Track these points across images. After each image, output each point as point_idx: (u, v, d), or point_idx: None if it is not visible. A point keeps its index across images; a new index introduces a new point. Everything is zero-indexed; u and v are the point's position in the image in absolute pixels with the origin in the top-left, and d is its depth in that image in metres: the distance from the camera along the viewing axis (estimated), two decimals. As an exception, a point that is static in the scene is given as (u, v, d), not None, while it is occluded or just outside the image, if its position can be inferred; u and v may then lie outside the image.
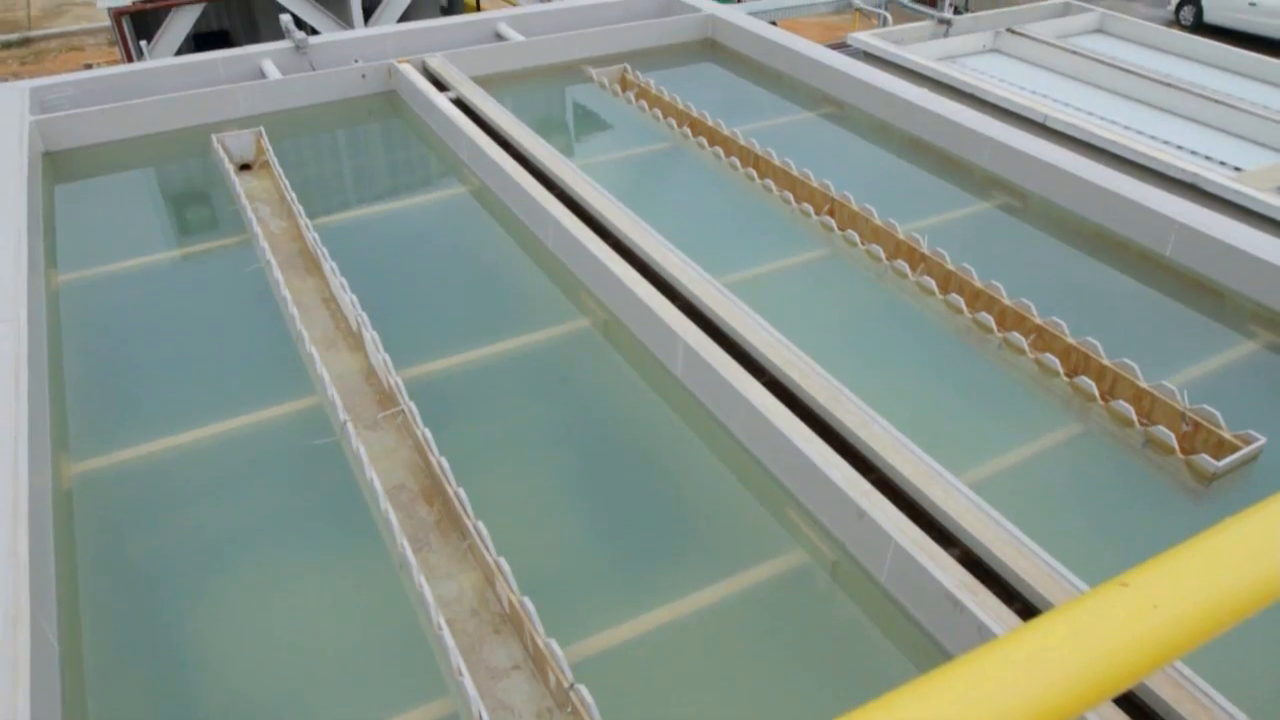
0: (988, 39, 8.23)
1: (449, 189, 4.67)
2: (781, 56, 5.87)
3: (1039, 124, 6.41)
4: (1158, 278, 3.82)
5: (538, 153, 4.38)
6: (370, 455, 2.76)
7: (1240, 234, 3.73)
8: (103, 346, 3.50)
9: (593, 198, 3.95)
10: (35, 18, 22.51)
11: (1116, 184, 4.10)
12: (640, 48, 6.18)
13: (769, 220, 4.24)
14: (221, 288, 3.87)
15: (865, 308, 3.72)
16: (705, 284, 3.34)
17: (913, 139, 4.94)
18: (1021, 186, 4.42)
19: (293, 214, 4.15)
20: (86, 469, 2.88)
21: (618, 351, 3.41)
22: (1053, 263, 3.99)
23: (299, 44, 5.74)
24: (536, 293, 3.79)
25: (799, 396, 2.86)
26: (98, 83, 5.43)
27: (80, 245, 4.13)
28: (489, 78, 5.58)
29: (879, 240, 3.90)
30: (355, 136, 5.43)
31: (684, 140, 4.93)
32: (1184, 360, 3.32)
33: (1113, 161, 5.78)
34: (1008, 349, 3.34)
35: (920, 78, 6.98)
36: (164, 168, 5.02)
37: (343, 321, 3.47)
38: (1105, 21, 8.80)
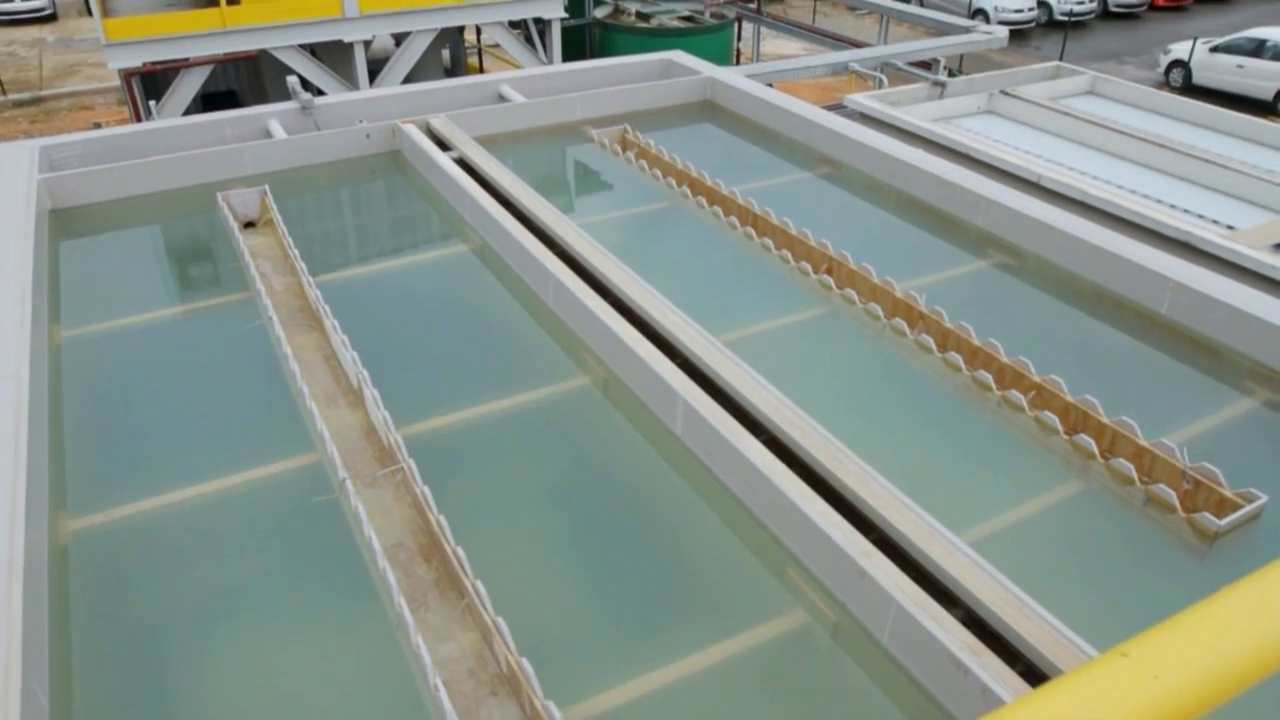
0: (982, 101, 8.38)
1: (451, 247, 4.72)
2: (779, 118, 5.97)
3: (1033, 183, 6.51)
4: (1154, 335, 3.85)
5: (539, 211, 4.44)
6: (369, 513, 2.75)
7: (1236, 292, 3.76)
8: (103, 402, 3.51)
9: (593, 256, 3.99)
10: (47, 78, 22.92)
11: (1111, 243, 4.14)
12: (640, 109, 6.29)
13: (768, 278, 4.28)
14: (223, 344, 3.89)
15: (864, 366, 3.74)
16: (704, 342, 3.36)
17: (909, 198, 5.01)
18: (1017, 245, 4.46)
19: (295, 271, 4.18)
20: (84, 525, 2.87)
21: (617, 409, 3.42)
22: (1050, 321, 4.02)
23: (305, 105, 5.84)
24: (537, 350, 3.81)
25: (798, 455, 2.86)
26: (106, 142, 5.51)
27: (83, 301, 4.16)
28: (491, 138, 5.67)
29: (877, 298, 3.93)
30: (359, 195, 5.50)
31: (683, 199, 5.00)
32: (1183, 418, 3.32)
33: (1107, 220, 5.85)
34: (1007, 407, 3.35)
35: (916, 138, 7.10)
36: (169, 225, 5.08)
37: (343, 378, 3.48)
38: (1096, 84, 8.97)
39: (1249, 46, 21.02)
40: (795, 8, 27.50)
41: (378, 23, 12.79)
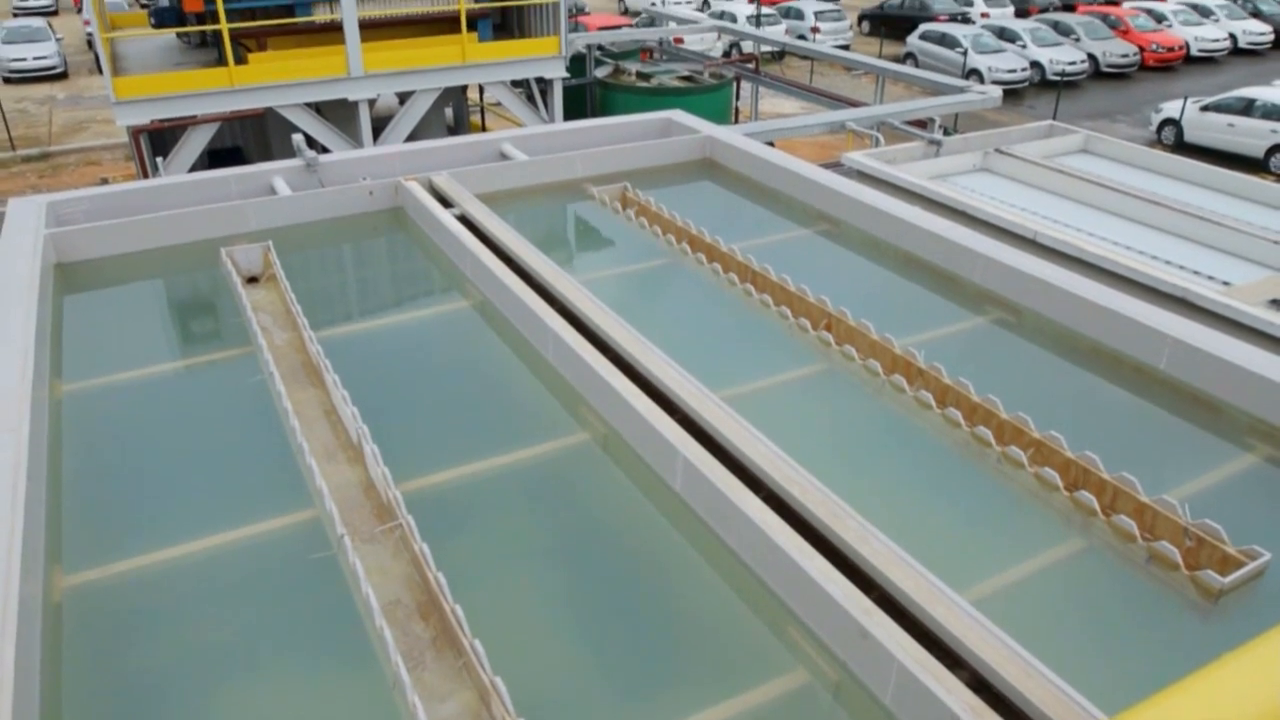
0: (977, 159, 8.50)
1: (452, 303, 4.75)
2: (778, 175, 6.05)
3: (1029, 240, 6.57)
4: (1153, 391, 3.86)
5: (539, 268, 4.48)
6: (366, 570, 2.73)
7: (1234, 348, 3.78)
8: (102, 457, 3.50)
9: (593, 312, 4.02)
10: (56, 134, 23.27)
11: (1108, 299, 4.17)
12: (641, 167, 6.38)
13: (767, 335, 4.30)
14: (224, 399, 3.90)
15: (864, 422, 3.74)
16: (704, 398, 3.37)
17: (907, 255, 5.06)
18: (1015, 301, 4.49)
19: (297, 326, 4.21)
20: (78, 582, 2.85)
21: (617, 465, 3.41)
22: (1048, 377, 4.03)
23: (309, 162, 5.93)
24: (537, 406, 3.81)
25: (798, 511, 2.85)
26: (113, 198, 5.59)
27: (86, 355, 4.18)
28: (493, 195, 5.75)
29: (876, 355, 3.95)
30: (361, 251, 5.55)
31: (683, 256, 5.05)
32: (1183, 474, 3.32)
33: (1103, 276, 5.90)
34: (1007, 463, 3.34)
35: (913, 196, 7.18)
36: (173, 280, 5.12)
37: (343, 433, 3.48)
38: (1089, 142, 9.11)
39: (1238, 105, 21.38)
40: (793, 68, 28.02)
41: (382, 82, 13.02)
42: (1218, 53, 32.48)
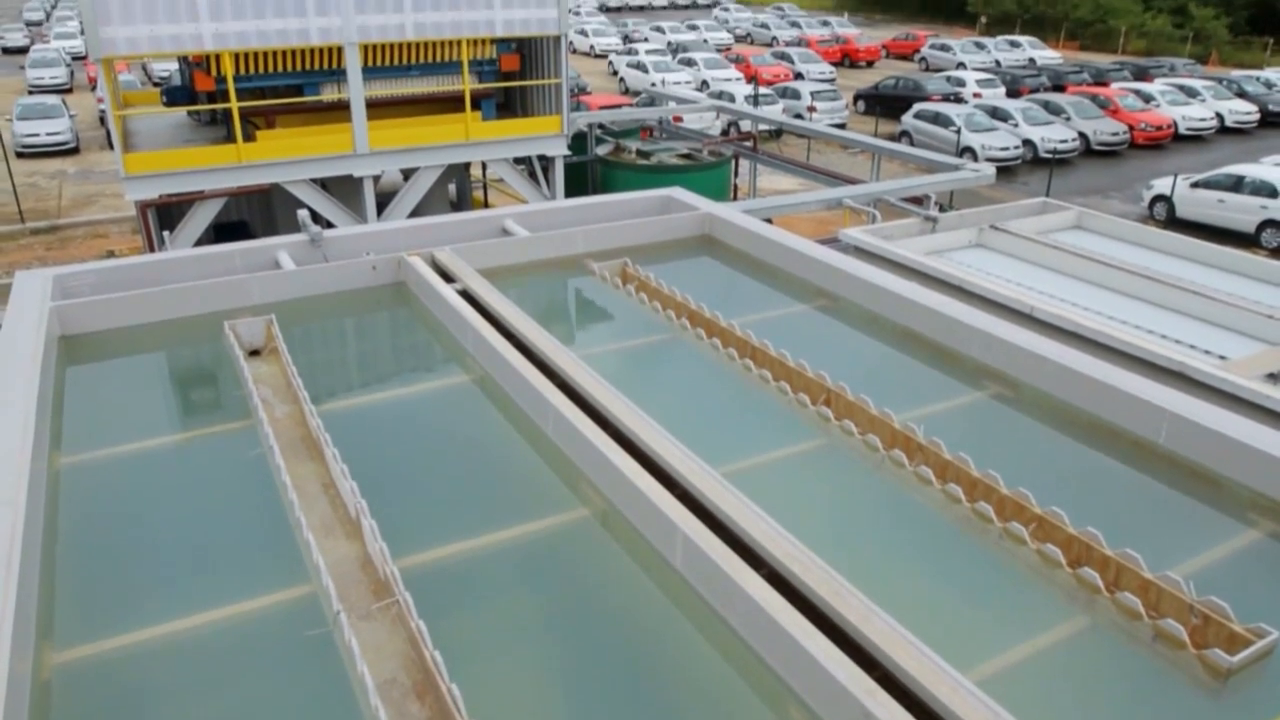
0: (972, 235, 8.62)
1: (452, 377, 4.77)
2: (776, 252, 6.13)
3: (1026, 315, 6.62)
4: (1153, 466, 3.85)
5: (540, 343, 4.51)
6: (362, 647, 2.69)
7: (1233, 423, 3.78)
8: (98, 530, 3.48)
9: (593, 387, 4.04)
10: (65, 207, 23.62)
11: (1106, 374, 4.19)
12: (641, 243, 6.46)
13: (767, 410, 4.31)
14: (223, 472, 3.89)
15: (864, 498, 3.73)
16: (704, 474, 3.36)
17: (905, 330, 5.10)
18: (1013, 376, 4.51)
19: (298, 399, 4.22)
20: (70, 658, 2.81)
21: (617, 542, 3.39)
22: (1048, 452, 4.03)
23: (314, 237, 6.01)
24: (536, 481, 3.80)
25: (799, 589, 2.82)
26: (119, 271, 5.65)
27: (86, 427, 4.18)
28: (494, 270, 5.81)
29: (875, 430, 3.96)
30: (363, 325, 5.60)
31: (683, 331, 5.08)
32: (1186, 550, 3.30)
33: (1099, 351, 5.93)
34: (1008, 539, 3.32)
35: (910, 271, 7.26)
36: (175, 353, 5.15)
37: (342, 508, 3.47)
38: (1083, 218, 9.25)
39: (1228, 182, 21.76)
40: (790, 146, 28.58)
41: (386, 159, 13.27)
42: (1205, 131, 33.19)
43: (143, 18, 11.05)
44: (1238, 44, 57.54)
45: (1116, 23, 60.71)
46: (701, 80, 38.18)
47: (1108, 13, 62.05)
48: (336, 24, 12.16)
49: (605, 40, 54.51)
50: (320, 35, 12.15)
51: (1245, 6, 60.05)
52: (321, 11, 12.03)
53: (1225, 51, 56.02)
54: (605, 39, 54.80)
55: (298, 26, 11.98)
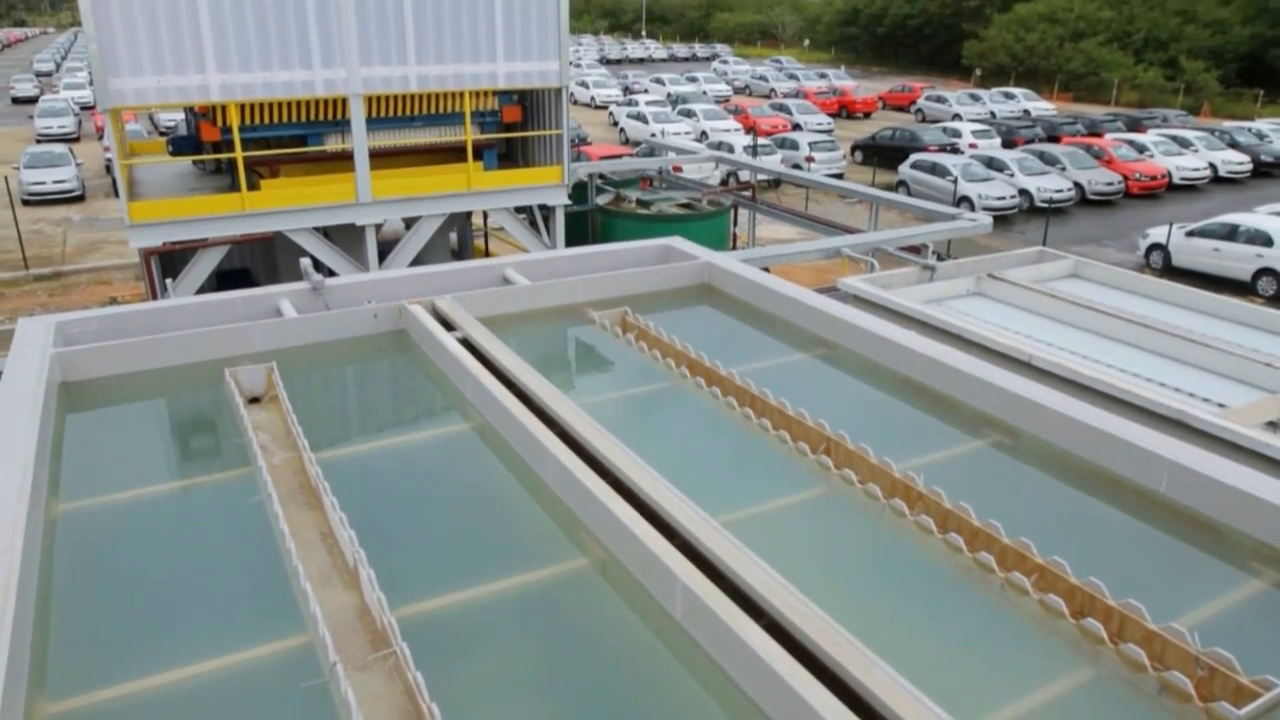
0: (970, 283, 8.68)
1: (452, 425, 4.77)
2: (775, 300, 6.17)
3: (1025, 363, 6.64)
4: (1154, 515, 3.84)
5: (540, 391, 4.52)
6: (358, 699, 2.66)
7: (1234, 472, 3.78)
8: (94, 578, 3.46)
9: (593, 436, 4.04)
10: (69, 254, 23.79)
11: (1106, 423, 4.19)
12: (641, 292, 6.50)
13: (766, 458, 4.30)
14: (221, 520, 3.87)
15: (865, 547, 3.71)
16: (704, 524, 3.35)
17: (904, 379, 5.11)
18: (1012, 425, 4.52)
19: (297, 447, 4.22)
20: (63, 709, 2.78)
21: (616, 591, 3.36)
22: (1048, 501, 4.02)
23: (316, 285, 6.05)
24: (536, 531, 3.79)
25: (800, 640, 2.80)
26: (121, 318, 5.68)
27: (84, 474, 4.17)
28: (495, 318, 5.84)
29: (876, 479, 3.95)
30: (364, 373, 5.61)
31: (682, 380, 5.10)
32: (1190, 600, 3.27)
33: (1099, 399, 5.94)
34: (1010, 589, 3.30)
35: (908, 320, 7.31)
36: (175, 400, 5.15)
37: (340, 557, 3.45)
38: (1079, 267, 9.32)
39: (1223, 231, 21.96)
40: (789, 195, 28.87)
41: (389, 208, 13.41)
42: (1199, 181, 33.57)
43: (151, 69, 11.24)
44: (1228, 96, 58.48)
45: (1109, 75, 61.75)
46: (701, 131, 38.70)
47: (1100, 65, 63.16)
48: (341, 76, 12.36)
49: (606, 92, 55.36)
50: (325, 87, 12.35)
51: (1234, 60, 61.16)
52: (327, 64, 12.23)
53: (1216, 103, 56.90)
54: (606, 90, 55.66)
55: (303, 78, 12.18)
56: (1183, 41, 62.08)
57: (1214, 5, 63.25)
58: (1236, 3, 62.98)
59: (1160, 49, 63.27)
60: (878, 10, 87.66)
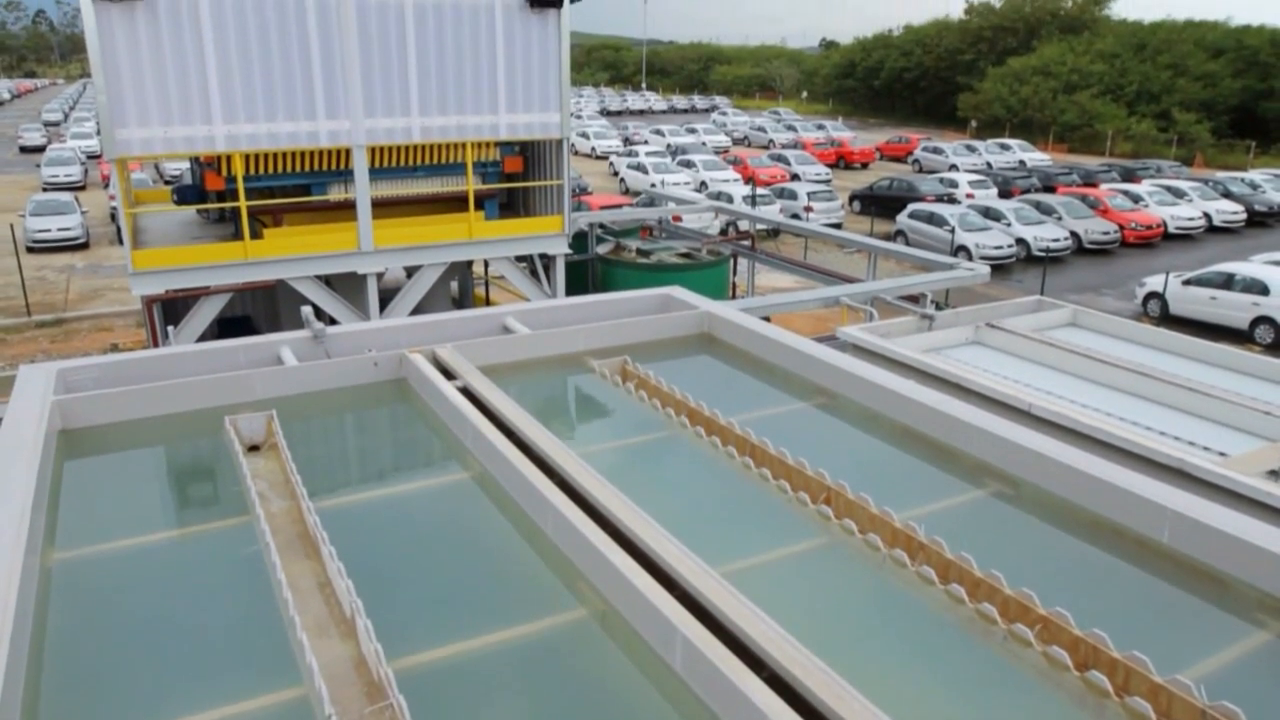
0: (969, 332, 8.72)
1: (452, 474, 4.76)
2: (774, 350, 6.19)
3: (1024, 412, 6.64)
4: (1157, 565, 3.81)
5: (540, 441, 4.51)
6: (354, 755, 2.62)
7: (1237, 522, 3.76)
8: (88, 628, 3.42)
9: (593, 486, 4.03)
10: (71, 300, 23.90)
11: (1107, 472, 4.18)
12: (641, 341, 6.52)
13: (766, 508, 4.29)
14: (217, 569, 3.84)
15: (866, 598, 3.68)
16: (704, 575, 3.33)
17: (904, 428, 5.11)
18: (1013, 474, 4.51)
19: (296, 495, 4.21)
20: (51, 767, 2.73)
21: (615, 643, 3.33)
22: (1050, 551, 3.99)
23: (317, 334, 6.08)
24: (535, 581, 3.76)
25: (801, 692, 2.76)
26: (122, 366, 5.69)
27: (81, 523, 4.15)
28: (495, 367, 5.86)
29: (876, 529, 3.93)
30: (364, 421, 5.61)
31: (682, 429, 5.09)
32: (1195, 652, 3.24)
33: (1099, 448, 5.93)
34: (1014, 641, 3.27)
35: (908, 369, 7.32)
36: (174, 447, 5.14)
37: (337, 607, 3.42)
38: (1077, 316, 9.37)
39: (1219, 280, 22.12)
40: (788, 244, 29.11)
41: (391, 257, 13.51)
42: (1194, 230, 33.88)
43: (158, 120, 11.41)
44: (1221, 147, 59.31)
45: (1102, 127, 62.67)
46: (700, 181, 39.14)
47: (1094, 117, 64.13)
48: (345, 127, 12.54)
49: (606, 142, 56.09)
50: (329, 138, 12.52)
51: (1226, 112, 62.11)
52: (331, 115, 12.42)
53: (1210, 154, 57.67)
54: (606, 141, 56.39)
55: (308, 129, 12.35)
56: (1174, 94, 63.16)
57: (1204, 59, 64.45)
58: (1226, 56, 64.18)
59: (1152, 101, 64.33)
60: (874, 64, 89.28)
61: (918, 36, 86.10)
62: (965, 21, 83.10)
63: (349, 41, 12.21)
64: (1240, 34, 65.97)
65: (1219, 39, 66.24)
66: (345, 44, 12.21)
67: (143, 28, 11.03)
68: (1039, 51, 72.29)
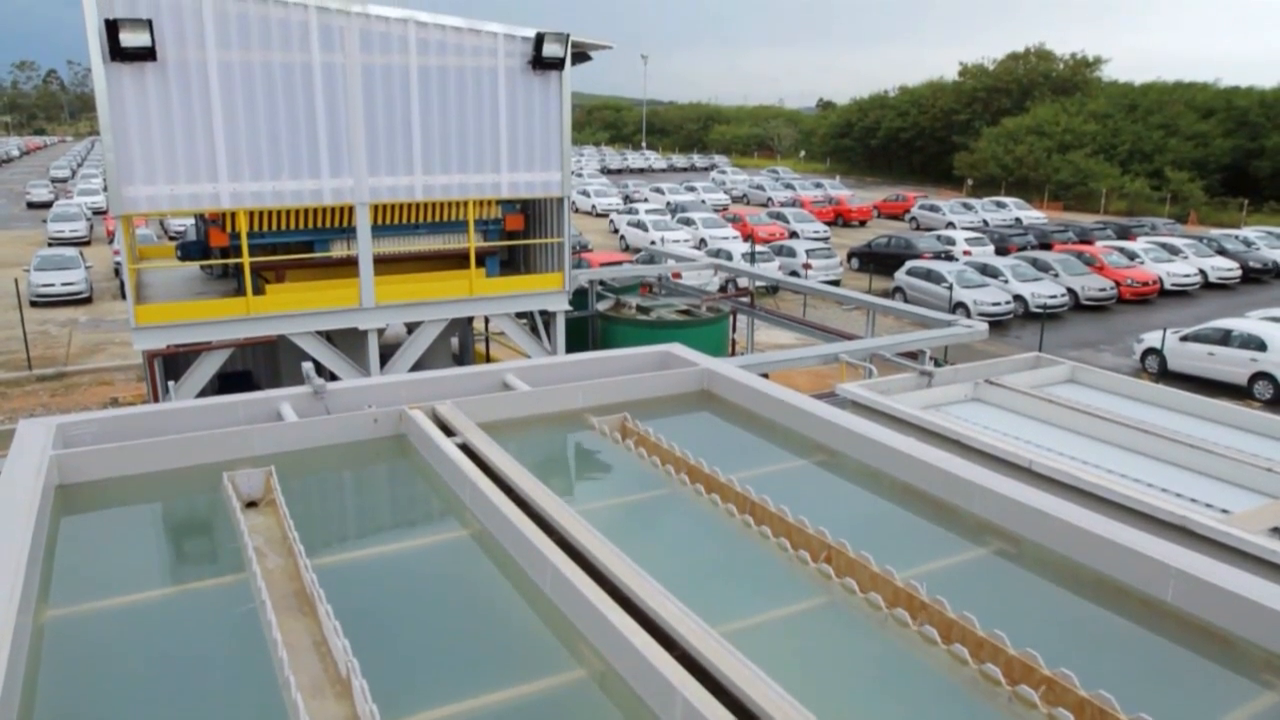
0: (968, 389, 8.73)
1: (450, 531, 4.73)
2: (774, 407, 6.20)
3: (1025, 469, 6.63)
4: (1162, 625, 3.77)
5: (539, 498, 4.50)
6: (347, 821, 2.57)
7: (1241, 580, 3.73)
8: (78, 687, 3.37)
9: (592, 544, 4.00)
10: (73, 354, 23.96)
11: (1109, 530, 4.16)
12: (640, 398, 6.54)
13: (767, 566, 4.26)
14: (212, 628, 3.80)
15: (868, 659, 3.63)
16: (704, 634, 3.29)
17: (904, 485, 5.09)
18: (1015, 532, 4.48)
19: (293, 553, 4.18)
20: (38, 834, 2.67)
21: (615, 705, 3.28)
22: (1054, 610, 3.96)
23: (317, 390, 6.09)
24: (533, 640, 3.71)
25: (804, 757, 2.72)
26: (122, 421, 5.69)
27: (75, 580, 4.12)
28: (495, 424, 5.86)
29: (877, 588, 3.90)
30: (363, 478, 5.59)
31: (682, 486, 5.08)
32: (1202, 713, 3.21)
33: (1100, 505, 5.91)
34: (1018, 703, 3.22)
35: (907, 425, 7.32)
36: (172, 503, 5.12)
37: (332, 666, 3.38)
38: (1076, 372, 9.39)
39: (1216, 336, 22.21)
40: (787, 301, 29.28)
41: (392, 313, 13.58)
42: (1190, 287, 34.11)
43: (164, 178, 11.57)
44: (1214, 205, 60.04)
45: (1097, 185, 63.50)
46: (700, 238, 39.53)
47: (1088, 176, 65.03)
48: (349, 185, 12.71)
49: (606, 200, 56.75)
50: (333, 196, 12.68)
51: (1217, 170, 63.00)
52: (335, 173, 12.60)
53: (1203, 211, 58.37)
54: (606, 199, 57.06)
55: (312, 187, 12.52)
56: (1166, 153, 64.16)
57: (1195, 119, 65.59)
58: (1216, 117, 65.31)
59: (1145, 160, 65.31)
60: (871, 123, 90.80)
61: (913, 97, 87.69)
62: (959, 83, 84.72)
63: (354, 102, 12.44)
64: (1229, 95, 67.24)
65: (1209, 100, 67.49)
66: (350, 104, 12.43)
67: (152, 88, 11.24)
68: (1032, 112, 73.59)
